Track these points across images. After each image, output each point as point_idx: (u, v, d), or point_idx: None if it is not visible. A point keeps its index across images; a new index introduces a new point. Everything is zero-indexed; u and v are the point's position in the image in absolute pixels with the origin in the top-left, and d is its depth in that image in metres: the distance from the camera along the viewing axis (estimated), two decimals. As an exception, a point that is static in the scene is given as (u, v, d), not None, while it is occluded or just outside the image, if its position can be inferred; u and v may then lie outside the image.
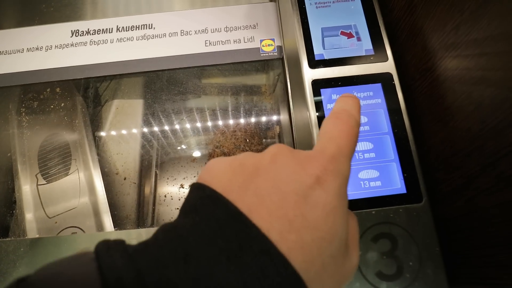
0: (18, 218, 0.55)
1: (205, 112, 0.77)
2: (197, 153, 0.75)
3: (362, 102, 0.37)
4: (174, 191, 0.73)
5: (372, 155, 0.35)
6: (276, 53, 0.59)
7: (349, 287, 0.31)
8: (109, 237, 0.18)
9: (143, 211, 0.66)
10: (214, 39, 0.60)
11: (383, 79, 0.37)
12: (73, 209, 0.56)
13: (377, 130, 0.35)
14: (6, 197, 0.57)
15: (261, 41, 0.60)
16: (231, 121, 0.73)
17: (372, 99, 0.36)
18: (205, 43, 0.60)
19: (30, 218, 0.54)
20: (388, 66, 0.37)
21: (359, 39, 0.39)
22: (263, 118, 0.72)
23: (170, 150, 0.75)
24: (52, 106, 0.63)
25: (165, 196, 0.72)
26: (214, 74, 0.71)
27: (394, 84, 0.37)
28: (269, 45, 0.60)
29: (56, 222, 0.55)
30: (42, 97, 0.64)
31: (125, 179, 0.64)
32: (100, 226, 0.55)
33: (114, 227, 0.55)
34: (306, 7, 0.41)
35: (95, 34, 0.62)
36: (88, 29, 0.63)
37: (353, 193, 0.33)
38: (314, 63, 0.38)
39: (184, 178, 0.74)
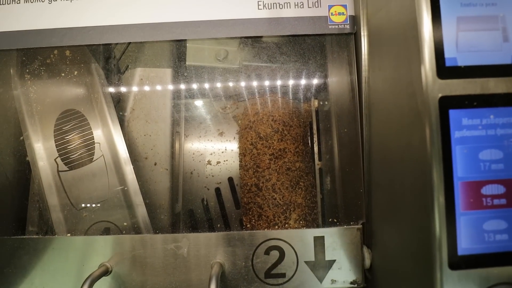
0: (41, 211, 0.48)
1: (240, 82, 0.65)
2: (226, 128, 0.67)
3: (498, 132, 0.28)
4: (200, 167, 0.67)
5: (503, 201, 0.28)
6: (347, 26, 0.47)
7: None
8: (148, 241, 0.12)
9: (176, 197, 0.61)
10: (269, 0, 0.47)
11: (532, 101, 0.28)
12: (103, 201, 0.50)
13: (512, 170, 0.28)
14: (23, 187, 0.49)
15: (330, 7, 0.47)
16: (268, 100, 0.63)
17: (511, 129, 0.28)
18: (258, 4, 0.47)
19: (56, 210, 0.48)
20: (539, 82, 0.28)
21: (506, 38, 0.29)
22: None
23: (197, 123, 0.67)
24: (62, 75, 0.52)
25: (191, 173, 0.66)
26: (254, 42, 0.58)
27: (541, 107, 0.28)
28: (339, 13, 0.47)
29: (85, 215, 0.49)
30: (49, 62, 0.51)
31: (155, 164, 0.56)
32: (135, 221, 0.50)
33: (153, 228, 0.50)
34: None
35: (112, -20, 0.47)
36: (102, -28, 0.47)
37: (474, 247, 0.28)
38: (445, 71, 0.28)
39: (211, 154, 0.67)
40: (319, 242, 0.44)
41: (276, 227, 0.53)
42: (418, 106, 0.30)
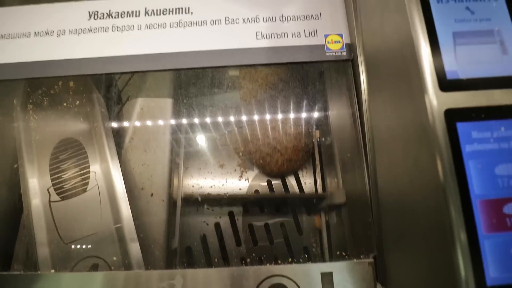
0: (28, 244, 0.45)
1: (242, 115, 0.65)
2: (226, 160, 0.65)
3: (509, 145, 0.26)
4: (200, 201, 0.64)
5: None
6: (344, 53, 0.48)
7: None
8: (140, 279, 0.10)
9: (172, 230, 0.57)
10: (267, 31, 0.49)
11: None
12: (92, 234, 0.46)
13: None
14: (13, 219, 0.47)
15: (326, 36, 0.48)
16: (269, 129, 0.62)
17: (525, 141, 0.26)
18: (256, 35, 0.48)
19: (43, 243, 0.45)
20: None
21: (505, 51, 0.28)
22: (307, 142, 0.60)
23: (197, 155, 0.65)
24: (64, 104, 0.52)
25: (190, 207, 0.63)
26: (258, 75, 0.60)
27: (553, 119, 0.27)
28: (335, 41, 0.48)
29: (73, 249, 0.46)
30: (53, 92, 0.52)
31: (152, 195, 0.54)
32: (126, 256, 0.46)
33: (144, 264, 0.46)
34: None
35: (118, 17, 0.50)
36: (110, 11, 0.50)
37: (505, 276, 0.24)
38: (447, 84, 0.27)
39: (211, 187, 0.64)
40: (327, 279, 0.39)
41: None
42: (422, 122, 0.28)
